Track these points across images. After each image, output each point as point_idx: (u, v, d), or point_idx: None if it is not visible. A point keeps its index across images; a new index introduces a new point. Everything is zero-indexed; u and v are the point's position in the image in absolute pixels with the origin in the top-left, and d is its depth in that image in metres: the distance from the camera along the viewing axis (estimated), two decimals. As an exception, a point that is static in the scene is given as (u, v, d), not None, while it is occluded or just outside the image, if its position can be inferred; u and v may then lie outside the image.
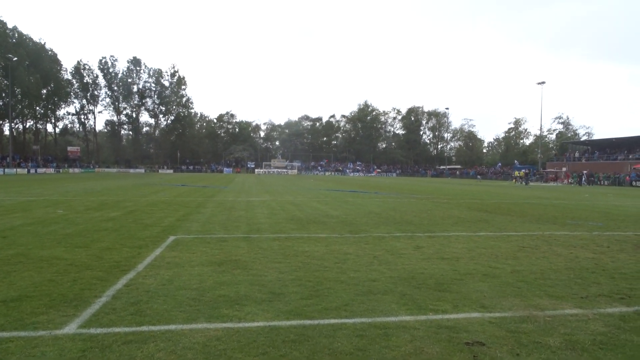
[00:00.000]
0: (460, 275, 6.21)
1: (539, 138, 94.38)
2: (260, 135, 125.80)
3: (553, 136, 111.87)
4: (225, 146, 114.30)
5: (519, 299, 5.21)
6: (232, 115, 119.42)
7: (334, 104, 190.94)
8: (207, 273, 6.06)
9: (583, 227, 12.09)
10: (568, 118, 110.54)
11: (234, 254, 7.39)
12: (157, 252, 7.43)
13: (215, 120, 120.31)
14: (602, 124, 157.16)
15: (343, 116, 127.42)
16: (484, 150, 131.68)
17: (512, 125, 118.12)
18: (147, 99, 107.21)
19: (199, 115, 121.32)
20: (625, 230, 11.52)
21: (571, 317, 4.66)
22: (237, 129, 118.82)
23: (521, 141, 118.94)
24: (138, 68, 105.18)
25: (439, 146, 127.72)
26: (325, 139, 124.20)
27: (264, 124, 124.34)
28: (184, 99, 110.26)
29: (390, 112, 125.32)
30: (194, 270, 6.23)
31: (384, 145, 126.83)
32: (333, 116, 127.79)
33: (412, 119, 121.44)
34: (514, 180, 61.29)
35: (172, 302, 4.85)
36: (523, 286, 5.75)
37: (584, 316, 4.70)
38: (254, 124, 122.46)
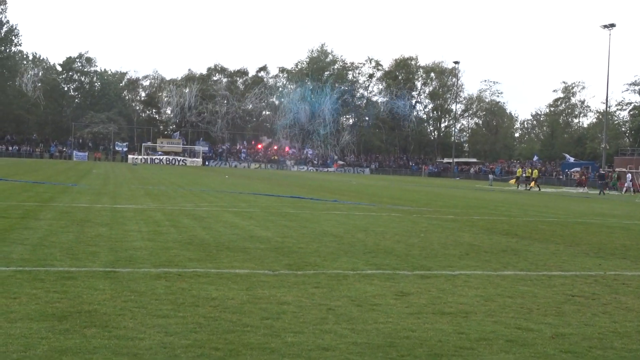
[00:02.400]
0: (470, 342, 6.36)
1: (605, 116, 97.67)
2: (139, 96, 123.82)
3: (625, 114, 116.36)
4: (78, 114, 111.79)
5: (562, 380, 5.41)
6: (90, 61, 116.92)
7: (267, 49, 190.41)
8: (39, 333, 5.94)
9: (668, 264, 12.68)
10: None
11: (87, 300, 7.27)
12: (-51, 296, 7.21)
13: (59, 69, 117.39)
14: None
15: (282, 70, 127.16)
16: (516, 135, 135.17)
17: (561, 95, 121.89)
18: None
19: (30, 58, 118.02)
20: None
21: (644, 411, 4.88)
22: (97, 85, 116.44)
23: (575, 121, 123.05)
24: None
25: (443, 125, 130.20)
26: (250, 106, 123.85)
27: (146, 77, 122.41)
28: (3, 29, 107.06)
29: (364, 65, 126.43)
30: (15, 328, 6.08)
31: (351, 122, 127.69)
32: (264, 68, 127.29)
33: (400, 77, 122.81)
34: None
35: (-26, 384, 4.72)
36: (570, 359, 5.97)
37: (663, 409, 4.94)
38: (128, 76, 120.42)
